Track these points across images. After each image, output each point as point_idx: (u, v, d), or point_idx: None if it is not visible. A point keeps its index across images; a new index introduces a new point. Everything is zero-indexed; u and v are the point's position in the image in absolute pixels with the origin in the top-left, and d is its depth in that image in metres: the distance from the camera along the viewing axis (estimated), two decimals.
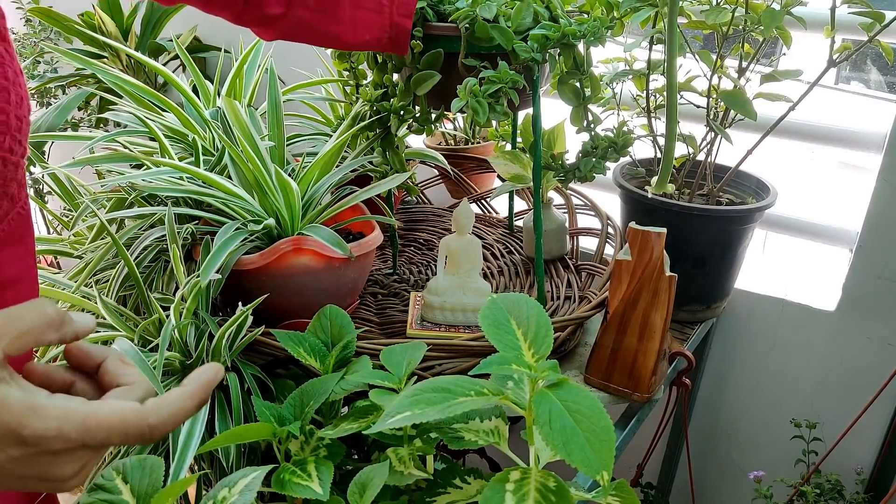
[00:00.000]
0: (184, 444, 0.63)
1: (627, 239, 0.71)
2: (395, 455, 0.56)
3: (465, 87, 0.69)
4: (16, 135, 0.43)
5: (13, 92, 0.42)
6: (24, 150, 0.45)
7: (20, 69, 0.44)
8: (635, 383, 0.74)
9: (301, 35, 0.69)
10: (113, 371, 0.40)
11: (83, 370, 0.40)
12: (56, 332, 0.37)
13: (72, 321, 0.38)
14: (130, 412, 0.35)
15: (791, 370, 1.11)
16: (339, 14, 0.66)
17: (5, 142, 0.42)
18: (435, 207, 1.24)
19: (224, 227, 0.75)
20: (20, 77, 0.44)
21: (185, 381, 0.39)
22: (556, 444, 0.42)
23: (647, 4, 0.76)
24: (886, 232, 0.97)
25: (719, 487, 1.25)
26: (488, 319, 0.53)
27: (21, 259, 0.50)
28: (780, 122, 0.85)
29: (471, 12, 0.70)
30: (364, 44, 0.68)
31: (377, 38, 0.68)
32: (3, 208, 0.44)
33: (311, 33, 0.68)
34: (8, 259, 0.46)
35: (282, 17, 0.66)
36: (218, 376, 0.40)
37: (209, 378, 0.39)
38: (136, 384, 0.39)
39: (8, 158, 0.42)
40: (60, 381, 0.39)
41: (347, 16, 0.65)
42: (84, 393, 0.40)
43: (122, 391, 0.38)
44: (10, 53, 0.43)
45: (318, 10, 0.66)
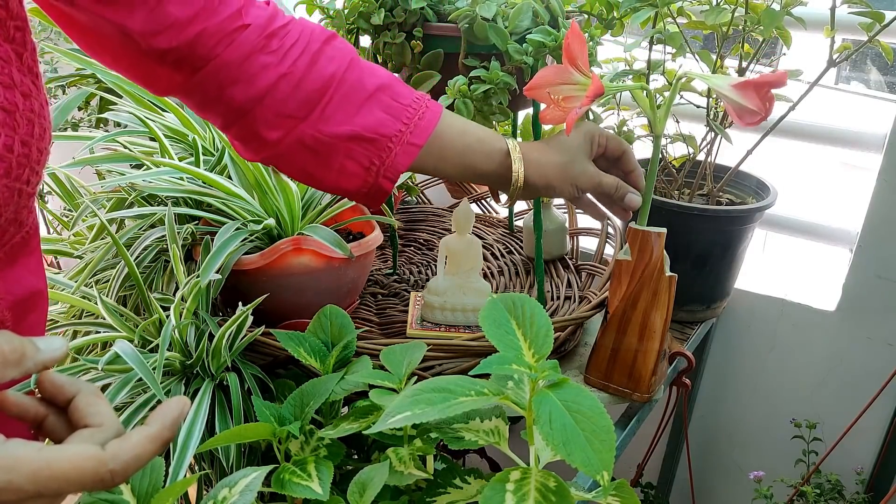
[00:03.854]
0: (183, 444, 0.63)
1: (627, 239, 0.71)
2: (396, 455, 0.56)
3: (453, 85, 0.69)
4: (35, 167, 0.43)
5: (37, 124, 0.42)
6: (40, 178, 0.45)
7: (46, 100, 0.44)
8: (635, 383, 0.74)
9: (284, 167, 0.64)
10: (83, 409, 0.38)
11: (55, 403, 0.39)
12: (15, 369, 0.35)
13: (35, 352, 0.36)
14: (88, 460, 0.34)
15: (791, 370, 1.11)
16: (330, 161, 0.61)
17: (24, 174, 0.41)
18: (435, 207, 1.24)
19: (224, 227, 0.75)
20: (45, 109, 0.43)
21: (149, 420, 0.37)
22: (557, 444, 0.42)
23: (647, 4, 0.76)
24: (886, 232, 0.97)
25: (719, 487, 1.25)
26: (488, 319, 0.53)
27: (37, 271, 0.49)
28: (780, 122, 0.85)
29: (470, 12, 0.70)
30: (341, 190, 0.64)
31: (356, 190, 0.63)
32: (9, 233, 0.44)
33: (294, 169, 0.63)
34: (15, 276, 0.46)
35: (274, 144, 0.60)
36: (184, 411, 0.39)
37: (174, 416, 0.38)
38: (105, 426, 0.37)
39: (24, 190, 0.41)
40: (34, 413, 0.38)
41: (337, 164, 0.61)
42: (55, 428, 0.39)
43: (88, 433, 0.36)
44: (37, 86, 0.43)
45: (312, 150, 0.60)
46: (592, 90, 0.58)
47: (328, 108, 0.59)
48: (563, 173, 0.67)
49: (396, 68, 0.81)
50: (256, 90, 0.58)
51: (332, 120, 0.60)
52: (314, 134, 0.60)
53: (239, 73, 0.57)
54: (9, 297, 0.45)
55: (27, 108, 0.41)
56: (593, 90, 0.58)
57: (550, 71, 0.63)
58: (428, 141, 0.62)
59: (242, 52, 0.57)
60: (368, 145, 0.60)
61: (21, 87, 0.41)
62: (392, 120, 0.60)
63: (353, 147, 0.60)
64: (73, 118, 1.51)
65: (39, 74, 0.43)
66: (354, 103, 0.60)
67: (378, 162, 0.61)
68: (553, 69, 0.63)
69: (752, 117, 0.57)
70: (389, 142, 0.60)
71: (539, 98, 0.64)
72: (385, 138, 0.60)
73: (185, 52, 0.56)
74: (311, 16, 0.85)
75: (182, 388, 0.70)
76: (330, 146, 0.60)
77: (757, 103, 0.57)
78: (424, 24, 0.75)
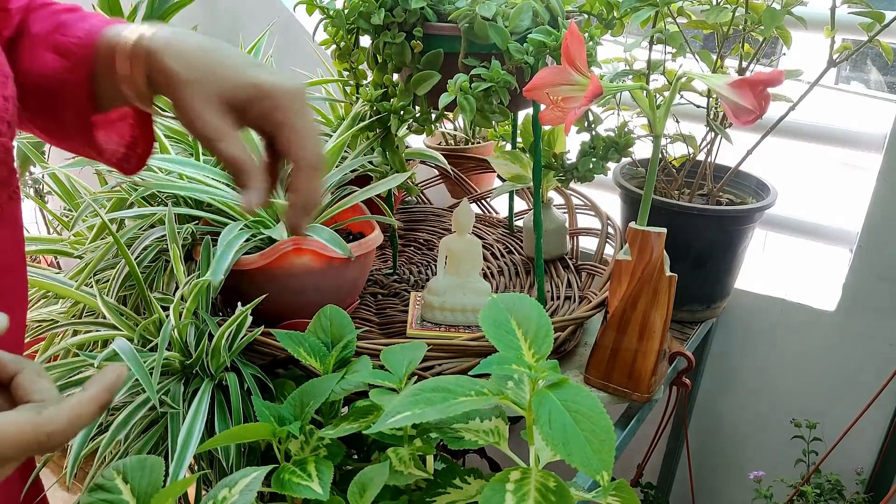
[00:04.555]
0: (183, 444, 0.63)
1: (627, 239, 0.71)
2: (396, 455, 0.56)
3: (454, 83, 0.69)
4: (3, 115, 0.42)
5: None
6: (13, 132, 0.44)
7: (2, 50, 0.43)
8: (635, 383, 0.74)
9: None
10: (27, 386, 0.38)
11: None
12: None
13: None
14: (25, 424, 0.35)
15: (791, 370, 1.11)
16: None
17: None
18: (435, 207, 1.24)
19: (228, 228, 0.75)
20: (2, 56, 0.43)
21: (85, 385, 0.38)
22: (556, 444, 0.42)
23: (647, 4, 0.76)
24: (886, 232, 0.97)
25: (719, 487, 1.25)
26: (488, 319, 0.53)
27: (12, 246, 0.49)
28: (781, 122, 0.85)
29: (470, 11, 0.70)
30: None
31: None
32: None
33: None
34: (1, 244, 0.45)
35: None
36: (121, 378, 0.39)
37: (111, 380, 0.38)
38: (48, 402, 0.37)
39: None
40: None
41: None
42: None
43: (29, 406, 0.37)
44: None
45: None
46: (591, 91, 0.58)
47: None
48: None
49: (396, 68, 0.81)
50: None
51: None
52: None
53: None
54: None
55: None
56: (592, 91, 0.58)
57: (549, 72, 0.63)
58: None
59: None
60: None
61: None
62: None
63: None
64: None
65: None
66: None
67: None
68: (552, 70, 0.63)
69: (748, 116, 0.57)
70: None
71: (538, 99, 0.64)
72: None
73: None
74: (311, 16, 0.85)
75: (181, 388, 0.70)
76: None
77: (752, 101, 0.57)
78: (424, 23, 0.75)
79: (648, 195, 0.69)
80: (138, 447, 0.70)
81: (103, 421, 0.71)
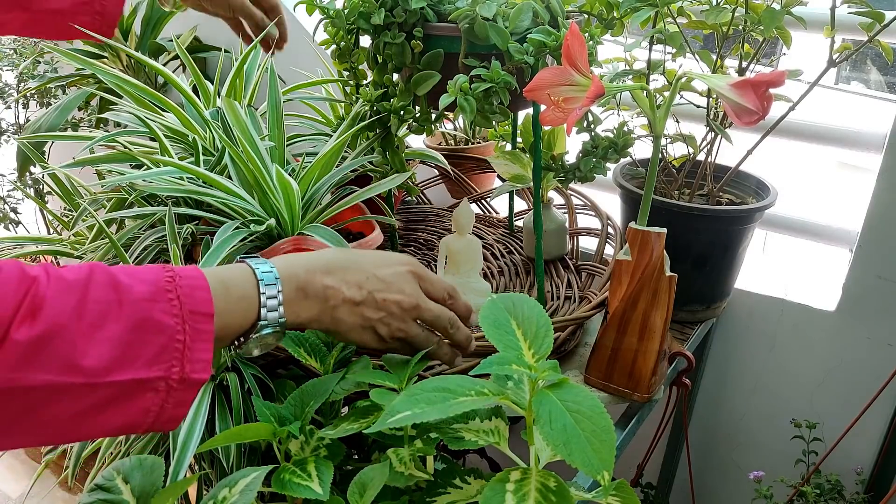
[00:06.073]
0: (183, 444, 0.63)
1: (627, 239, 0.71)
2: (396, 455, 0.56)
3: (454, 83, 0.69)
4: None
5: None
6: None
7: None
8: (635, 383, 0.74)
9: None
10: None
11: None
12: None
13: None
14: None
15: (791, 370, 1.11)
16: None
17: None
18: (435, 207, 1.24)
19: (224, 227, 0.75)
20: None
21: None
22: (557, 445, 0.42)
23: (647, 4, 0.76)
24: (886, 232, 0.97)
25: (719, 487, 1.25)
26: (488, 319, 0.53)
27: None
28: (780, 122, 0.85)
29: (470, 12, 0.70)
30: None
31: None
32: None
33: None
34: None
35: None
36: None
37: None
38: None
39: None
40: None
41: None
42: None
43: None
44: None
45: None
46: (592, 91, 0.58)
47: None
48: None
49: (396, 68, 0.81)
50: None
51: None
52: None
53: None
54: None
55: None
56: (593, 91, 0.58)
57: (550, 72, 0.63)
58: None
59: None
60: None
61: None
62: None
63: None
64: (73, 118, 1.51)
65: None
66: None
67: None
68: (552, 70, 0.63)
69: (750, 117, 0.57)
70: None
71: (539, 100, 0.64)
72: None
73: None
74: (311, 16, 0.85)
75: None
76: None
77: (755, 102, 0.57)
78: (424, 23, 0.75)
79: (648, 195, 0.69)
80: (139, 447, 0.70)
81: None
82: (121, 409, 0.45)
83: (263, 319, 0.53)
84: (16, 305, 0.41)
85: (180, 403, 0.47)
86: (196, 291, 0.48)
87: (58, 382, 0.41)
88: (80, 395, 0.43)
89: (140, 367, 0.44)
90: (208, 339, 0.48)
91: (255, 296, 0.52)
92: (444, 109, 0.71)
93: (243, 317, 0.52)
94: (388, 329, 0.60)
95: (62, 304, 0.42)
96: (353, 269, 0.59)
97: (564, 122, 0.61)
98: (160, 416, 0.46)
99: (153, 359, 0.45)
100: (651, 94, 0.66)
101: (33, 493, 1.30)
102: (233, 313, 0.51)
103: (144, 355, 0.45)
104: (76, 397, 0.43)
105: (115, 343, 0.44)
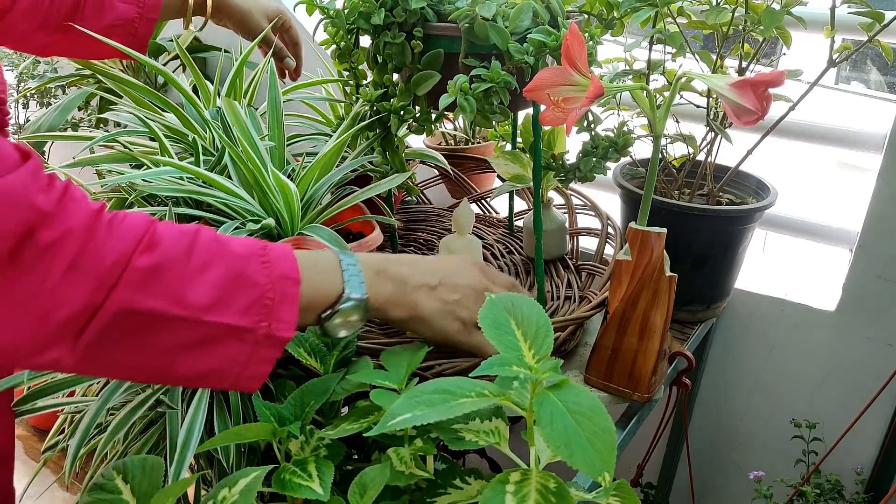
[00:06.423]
0: (183, 444, 0.63)
1: (627, 239, 0.71)
2: (396, 455, 0.56)
3: (454, 83, 0.69)
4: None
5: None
6: (7, 113, 0.45)
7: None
8: (635, 383, 0.74)
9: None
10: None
11: None
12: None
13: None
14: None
15: (791, 370, 1.11)
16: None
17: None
18: (435, 207, 1.24)
19: (224, 227, 0.75)
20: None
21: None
22: (558, 445, 0.42)
23: (647, 4, 0.76)
24: (886, 232, 0.97)
25: (719, 487, 1.25)
26: (488, 320, 0.53)
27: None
28: (780, 122, 0.85)
29: (470, 11, 0.70)
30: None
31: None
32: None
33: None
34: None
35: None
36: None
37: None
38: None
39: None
40: None
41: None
42: None
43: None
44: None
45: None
46: (592, 91, 0.58)
47: None
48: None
49: (396, 68, 0.81)
50: None
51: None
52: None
53: None
54: None
55: None
56: (593, 91, 0.58)
57: (549, 72, 0.62)
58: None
59: None
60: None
61: None
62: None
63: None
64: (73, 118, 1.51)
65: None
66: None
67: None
68: (552, 70, 0.62)
69: (750, 116, 0.57)
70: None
71: (538, 100, 0.64)
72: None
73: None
74: (311, 16, 0.85)
75: (180, 388, 0.70)
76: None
77: (754, 102, 0.57)
78: (424, 23, 0.75)
79: (648, 195, 0.69)
80: (138, 447, 0.70)
81: (102, 421, 0.71)
82: (212, 352, 0.50)
83: (346, 293, 0.57)
84: (139, 238, 0.47)
85: (263, 360, 0.52)
86: (284, 260, 0.53)
87: (166, 312, 0.47)
88: (181, 329, 0.48)
89: (234, 314, 0.50)
90: (294, 301, 0.53)
91: (338, 272, 0.58)
92: (444, 109, 0.71)
93: (328, 289, 0.57)
94: (469, 313, 0.64)
95: (175, 244, 0.49)
96: (422, 262, 0.65)
97: (564, 122, 0.61)
98: (244, 370, 0.51)
99: (245, 309, 0.50)
100: (651, 94, 0.66)
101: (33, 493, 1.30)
102: (317, 285, 0.56)
103: (238, 304, 0.50)
104: (177, 330, 0.48)
105: (215, 287, 0.49)
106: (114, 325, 0.46)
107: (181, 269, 0.48)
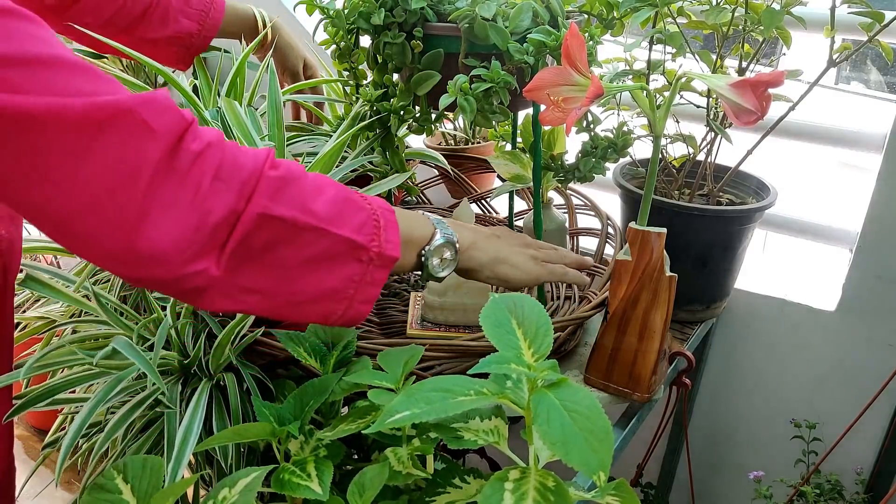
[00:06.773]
0: (181, 444, 0.63)
1: (627, 239, 0.71)
2: (395, 455, 0.56)
3: (454, 84, 0.69)
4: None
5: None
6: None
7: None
8: (635, 383, 0.74)
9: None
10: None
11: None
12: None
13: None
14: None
15: (791, 370, 1.11)
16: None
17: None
18: (435, 207, 1.24)
19: None
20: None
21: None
22: (555, 444, 0.42)
23: (647, 4, 0.76)
24: (886, 232, 0.97)
25: (719, 487, 1.25)
26: (489, 319, 0.53)
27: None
28: (780, 122, 0.85)
29: (470, 12, 0.70)
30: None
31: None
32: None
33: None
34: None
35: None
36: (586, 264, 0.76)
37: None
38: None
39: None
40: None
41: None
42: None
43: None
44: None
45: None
46: (592, 91, 0.58)
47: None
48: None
49: (396, 68, 0.81)
50: None
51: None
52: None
53: None
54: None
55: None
56: (593, 91, 0.58)
57: (549, 72, 0.63)
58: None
59: None
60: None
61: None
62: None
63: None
64: None
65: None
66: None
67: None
68: (552, 70, 0.63)
69: (749, 116, 0.57)
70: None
71: (538, 100, 0.64)
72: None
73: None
74: (311, 16, 0.85)
75: (179, 388, 0.70)
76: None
77: (754, 102, 0.57)
78: (424, 23, 0.75)
79: (648, 195, 0.69)
80: (136, 446, 0.70)
81: (101, 419, 0.71)
82: (333, 269, 0.55)
83: (438, 231, 0.64)
84: (265, 156, 0.52)
85: (374, 282, 0.57)
86: (379, 201, 0.59)
87: (297, 219, 0.52)
88: (309, 240, 0.53)
89: (352, 229, 0.55)
90: (396, 227, 0.58)
91: (425, 218, 0.65)
92: (444, 109, 0.71)
93: (422, 230, 0.63)
94: (536, 251, 0.72)
95: (293, 166, 0.54)
96: (480, 228, 0.72)
97: (564, 122, 0.61)
98: (358, 291, 0.56)
99: (359, 227, 0.56)
100: (651, 94, 0.66)
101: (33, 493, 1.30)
102: (411, 224, 0.62)
103: (353, 221, 0.55)
104: (306, 242, 0.53)
105: (333, 203, 0.55)
106: (253, 233, 0.50)
107: (303, 185, 0.54)
